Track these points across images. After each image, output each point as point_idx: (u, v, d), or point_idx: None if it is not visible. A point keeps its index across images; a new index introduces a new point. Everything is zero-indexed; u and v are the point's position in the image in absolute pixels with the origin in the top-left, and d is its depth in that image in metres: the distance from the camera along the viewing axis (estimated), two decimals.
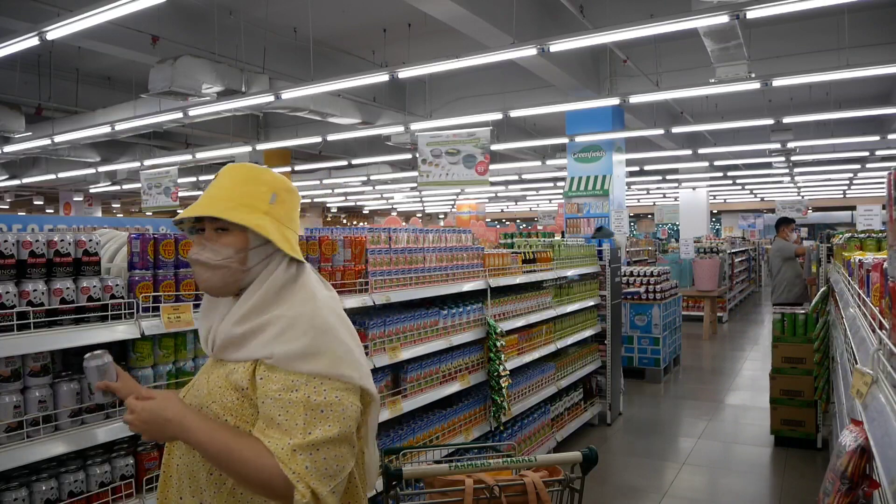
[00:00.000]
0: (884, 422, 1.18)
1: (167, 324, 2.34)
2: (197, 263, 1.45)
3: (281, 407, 1.33)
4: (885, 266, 1.76)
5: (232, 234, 1.44)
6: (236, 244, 1.45)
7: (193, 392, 1.50)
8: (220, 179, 1.48)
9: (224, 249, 1.43)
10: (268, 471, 1.28)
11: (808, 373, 5.30)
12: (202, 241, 1.46)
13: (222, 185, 1.47)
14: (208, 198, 1.45)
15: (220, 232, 1.45)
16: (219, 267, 1.44)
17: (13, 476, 2.06)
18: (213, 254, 1.44)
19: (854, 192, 25.07)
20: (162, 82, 6.78)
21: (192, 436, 1.34)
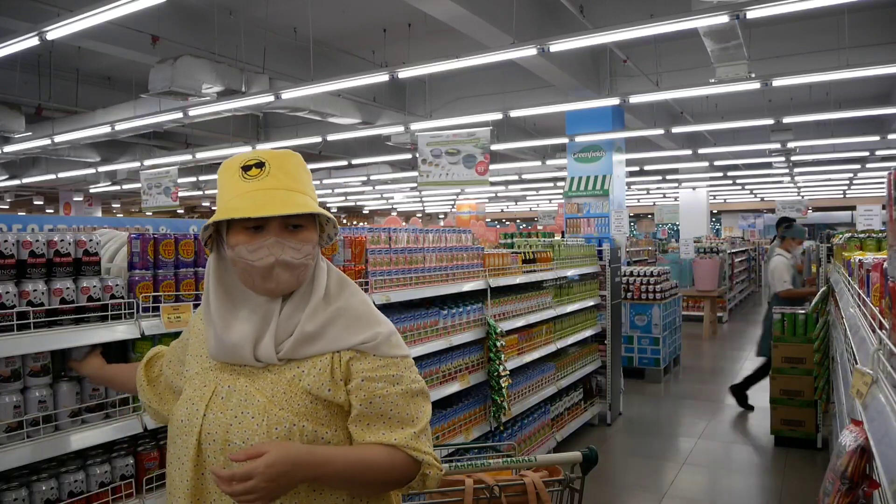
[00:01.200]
0: (884, 422, 1.18)
1: (167, 324, 2.34)
2: (279, 265, 1.30)
3: (391, 403, 1.35)
4: (885, 266, 1.76)
5: (307, 229, 1.35)
6: (313, 240, 1.36)
7: (224, 408, 1.31)
8: (287, 166, 1.34)
9: (304, 246, 1.33)
10: (402, 464, 1.33)
11: (808, 373, 5.30)
12: (272, 239, 1.29)
13: (296, 175, 1.35)
14: (290, 191, 1.31)
15: (296, 229, 1.33)
16: (299, 266, 1.33)
17: (13, 476, 2.06)
18: (296, 252, 1.31)
19: (854, 192, 25.06)
20: (162, 82, 6.78)
21: (328, 468, 1.23)
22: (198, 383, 1.37)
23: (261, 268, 1.29)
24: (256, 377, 1.33)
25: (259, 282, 1.31)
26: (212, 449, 1.30)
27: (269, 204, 1.27)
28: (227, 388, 1.33)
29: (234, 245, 1.31)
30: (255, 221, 1.29)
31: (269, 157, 1.33)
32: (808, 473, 4.87)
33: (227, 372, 1.36)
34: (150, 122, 8.97)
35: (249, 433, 1.27)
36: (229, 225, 1.33)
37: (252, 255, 1.29)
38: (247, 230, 1.30)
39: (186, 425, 1.32)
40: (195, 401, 1.34)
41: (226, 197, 1.32)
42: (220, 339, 1.34)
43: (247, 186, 1.30)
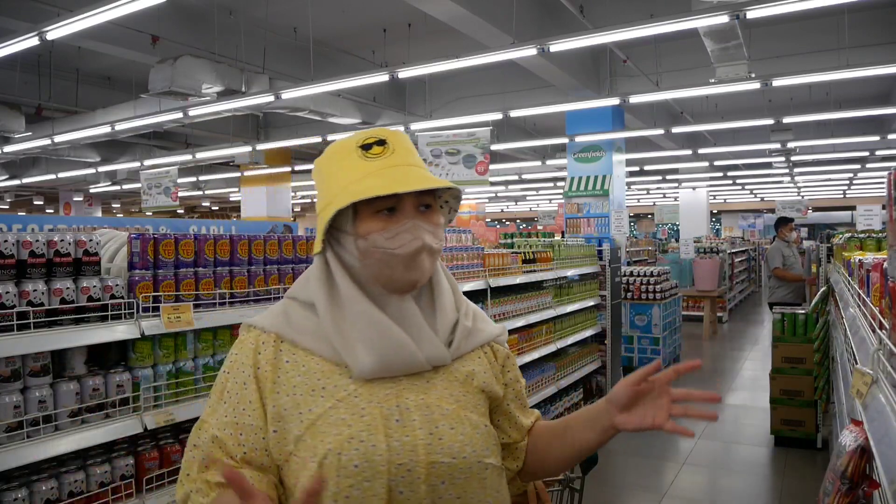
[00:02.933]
0: (884, 422, 1.18)
1: (167, 324, 2.34)
2: (426, 250, 1.12)
3: (523, 393, 1.34)
4: (885, 266, 1.76)
5: (436, 211, 1.17)
6: (442, 223, 1.19)
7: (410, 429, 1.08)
8: (407, 144, 1.17)
9: (438, 230, 1.16)
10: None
11: (808, 373, 5.30)
12: (411, 221, 1.11)
13: (415, 153, 1.19)
14: (420, 168, 1.15)
15: (427, 210, 1.15)
16: (438, 251, 1.16)
17: (13, 476, 2.06)
18: (433, 236, 1.14)
19: (854, 192, 25.06)
20: (162, 82, 6.78)
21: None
22: (347, 416, 1.07)
23: (405, 255, 1.10)
24: (424, 385, 1.14)
25: (401, 273, 1.11)
26: (408, 480, 1.05)
27: (407, 180, 1.09)
28: (397, 407, 1.09)
29: (365, 233, 1.10)
30: (389, 202, 1.10)
31: (386, 134, 1.17)
32: (808, 473, 4.87)
33: (380, 390, 1.10)
34: (150, 122, 8.97)
35: (457, 446, 1.09)
36: (355, 213, 1.12)
37: (392, 241, 1.10)
38: (379, 215, 1.10)
39: (366, 469, 1.03)
40: (362, 437, 1.05)
41: (346, 180, 1.12)
42: (380, 350, 1.09)
43: (373, 165, 1.12)
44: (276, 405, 1.09)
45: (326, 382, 1.10)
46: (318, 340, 1.12)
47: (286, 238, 3.00)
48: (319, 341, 1.12)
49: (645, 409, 1.14)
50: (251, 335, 1.16)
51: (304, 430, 1.07)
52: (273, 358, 1.12)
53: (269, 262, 2.87)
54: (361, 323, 1.10)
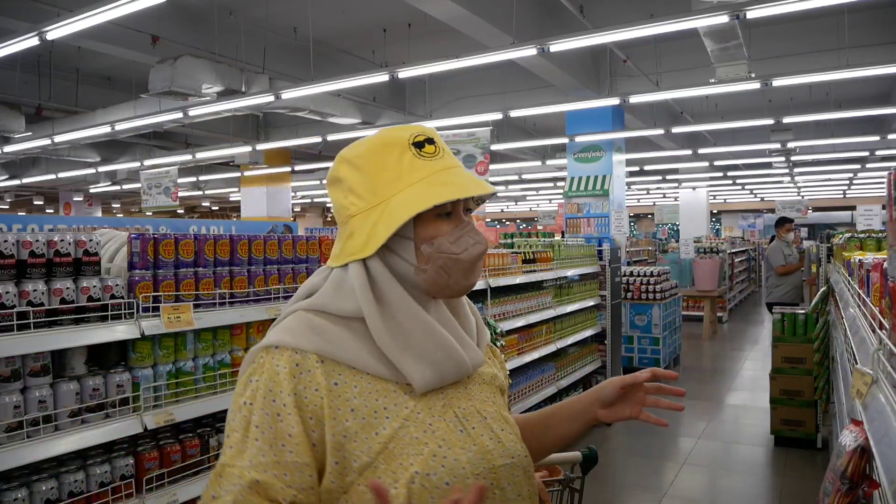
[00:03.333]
0: (884, 422, 1.18)
1: (167, 324, 2.34)
2: (484, 254, 1.10)
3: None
4: (885, 266, 1.76)
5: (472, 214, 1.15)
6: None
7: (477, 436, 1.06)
8: (445, 146, 1.13)
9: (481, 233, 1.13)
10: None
11: (808, 373, 5.30)
12: (468, 225, 1.09)
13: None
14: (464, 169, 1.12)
15: (468, 213, 1.12)
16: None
17: (13, 476, 2.06)
18: (482, 238, 1.11)
19: (854, 192, 25.06)
20: (162, 82, 6.78)
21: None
22: (420, 434, 1.01)
23: (468, 260, 1.06)
24: (465, 392, 1.11)
25: (459, 278, 1.06)
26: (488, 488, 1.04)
27: (468, 184, 1.06)
28: (455, 417, 1.07)
29: (430, 238, 1.05)
30: (448, 206, 1.06)
31: (430, 133, 1.12)
32: (808, 473, 4.87)
33: (435, 402, 1.06)
34: (150, 122, 8.97)
35: (513, 446, 1.10)
36: (417, 218, 1.05)
37: (455, 245, 1.06)
38: (441, 218, 1.06)
39: (456, 484, 0.99)
40: (443, 453, 1.00)
41: (401, 182, 1.05)
42: (439, 360, 1.04)
43: (432, 165, 1.07)
44: (334, 434, 0.98)
45: (386, 401, 1.02)
46: (363, 356, 1.03)
47: (286, 238, 3.00)
48: (365, 356, 1.03)
49: (623, 404, 1.20)
50: (282, 357, 1.00)
51: (374, 455, 0.98)
52: (323, 381, 1.00)
53: (269, 262, 2.87)
54: (420, 333, 1.04)
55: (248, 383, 1.01)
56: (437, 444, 1.01)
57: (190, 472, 2.51)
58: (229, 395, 2.64)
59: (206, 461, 2.59)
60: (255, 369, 1.02)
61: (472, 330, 1.16)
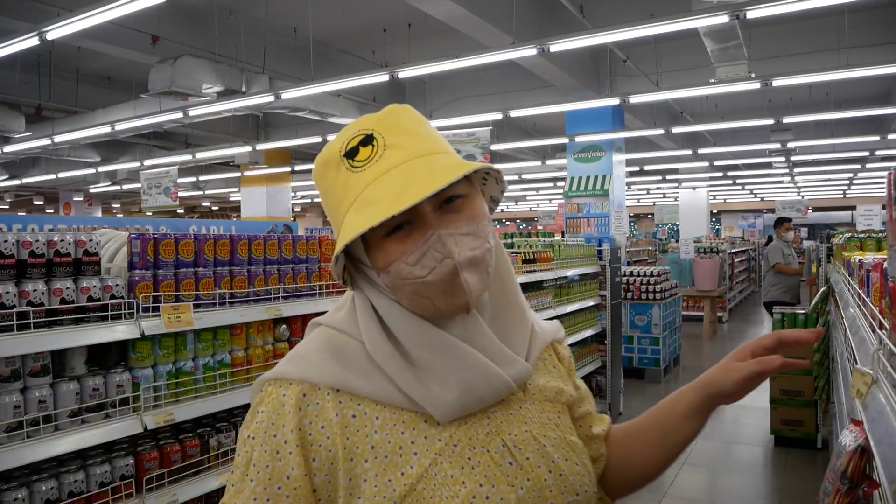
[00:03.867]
0: (884, 422, 1.18)
1: (167, 324, 2.34)
2: (465, 267, 0.85)
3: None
4: (885, 266, 1.76)
5: (470, 196, 0.90)
6: (484, 209, 0.92)
7: (529, 469, 0.89)
8: (402, 126, 0.90)
9: (479, 225, 0.89)
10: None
11: (808, 373, 5.30)
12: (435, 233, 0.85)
13: (418, 132, 0.90)
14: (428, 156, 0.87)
15: (454, 203, 0.88)
16: (485, 255, 0.89)
17: (13, 476, 2.06)
18: (473, 239, 0.87)
19: (854, 192, 25.07)
20: (162, 82, 6.78)
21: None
22: (456, 472, 0.85)
23: (438, 281, 0.85)
24: (519, 414, 0.94)
25: (442, 301, 0.86)
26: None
27: (407, 185, 0.83)
28: (504, 447, 0.89)
29: (385, 266, 0.87)
30: (400, 219, 0.84)
31: (372, 124, 0.90)
32: (808, 473, 4.87)
33: (479, 431, 0.90)
34: (150, 122, 8.97)
35: (578, 480, 0.93)
36: (365, 242, 0.89)
37: (419, 267, 0.85)
38: (392, 238, 0.86)
39: None
40: (486, 493, 0.85)
41: (342, 207, 0.88)
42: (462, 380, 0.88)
43: (363, 178, 0.86)
44: (352, 476, 0.84)
45: (414, 434, 0.86)
46: (384, 385, 0.88)
47: (286, 238, 3.00)
48: (387, 386, 0.88)
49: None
50: (290, 388, 0.87)
51: (399, 499, 0.83)
52: (335, 416, 0.86)
53: (269, 262, 2.87)
54: (430, 353, 0.88)
55: (254, 414, 0.89)
56: (478, 483, 0.84)
57: (190, 472, 2.51)
58: (229, 395, 2.64)
59: (206, 461, 2.59)
60: (261, 399, 0.89)
61: (518, 339, 0.96)
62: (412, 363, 0.88)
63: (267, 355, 2.86)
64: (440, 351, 0.88)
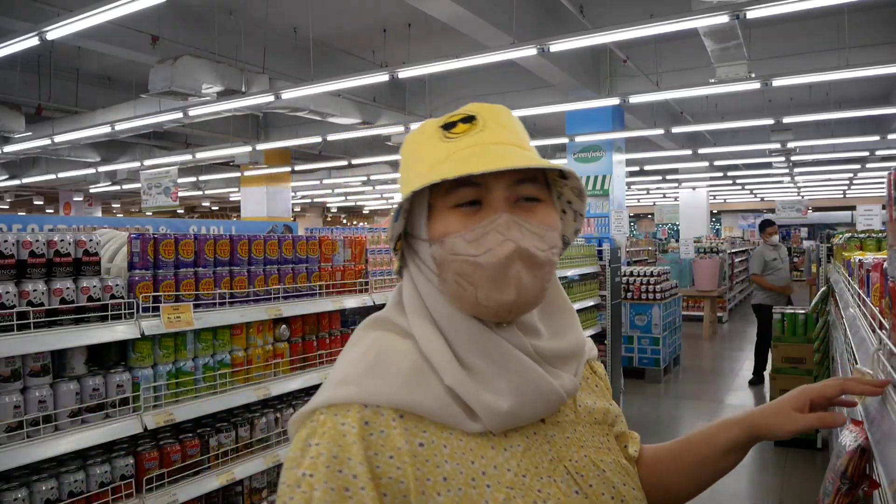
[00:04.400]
0: (884, 422, 1.18)
1: (167, 324, 2.34)
2: (520, 257, 0.80)
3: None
4: (885, 266, 1.76)
5: (547, 204, 0.86)
6: (557, 224, 0.87)
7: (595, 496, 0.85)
8: (502, 119, 0.89)
9: (548, 232, 0.84)
10: None
11: (808, 373, 5.30)
12: (503, 216, 0.81)
13: (515, 130, 0.90)
14: (517, 147, 0.86)
15: (531, 203, 0.85)
16: (545, 264, 0.83)
17: (13, 476, 2.06)
18: (538, 240, 0.82)
19: (854, 192, 25.08)
20: (162, 82, 6.78)
21: None
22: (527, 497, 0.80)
23: (491, 264, 0.79)
24: (575, 437, 0.90)
25: (488, 290, 0.80)
26: None
27: (492, 159, 0.80)
28: (568, 474, 0.86)
29: (441, 236, 0.82)
30: (471, 193, 0.82)
31: (477, 109, 0.89)
32: (808, 473, 4.87)
33: (542, 458, 0.85)
34: (150, 122, 8.97)
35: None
36: (430, 210, 0.85)
37: (475, 245, 0.80)
38: (459, 210, 0.82)
39: None
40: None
41: (421, 168, 0.85)
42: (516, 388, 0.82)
43: (455, 146, 0.84)
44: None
45: (484, 464, 0.80)
46: (437, 392, 0.81)
47: (286, 238, 3.00)
48: (440, 393, 0.81)
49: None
50: (349, 415, 0.77)
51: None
52: (404, 444, 0.78)
53: (269, 262, 2.87)
54: (480, 355, 0.82)
55: (305, 448, 0.76)
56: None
57: (190, 472, 2.51)
58: (229, 395, 2.64)
59: (206, 461, 2.59)
60: (313, 430, 0.77)
61: (566, 347, 0.90)
62: (463, 365, 0.82)
63: (267, 355, 2.86)
64: (491, 353, 0.83)
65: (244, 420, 2.80)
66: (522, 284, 0.80)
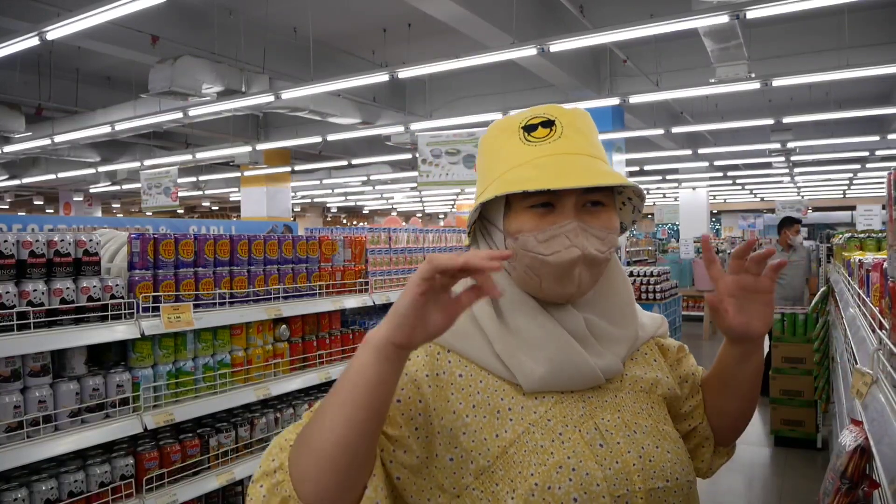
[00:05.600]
0: (884, 422, 1.18)
1: (167, 324, 2.34)
2: (584, 262, 0.92)
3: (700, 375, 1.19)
4: (885, 266, 1.76)
5: (609, 208, 0.97)
6: (616, 226, 0.98)
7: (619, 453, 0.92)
8: (581, 125, 1.01)
9: (609, 235, 0.95)
10: None
11: (808, 373, 5.30)
12: (573, 223, 0.92)
13: (592, 138, 1.02)
14: (592, 158, 0.97)
15: (596, 207, 0.96)
16: (603, 262, 0.95)
17: (13, 476, 2.06)
18: (600, 242, 0.94)
19: (854, 192, 25.07)
20: (162, 82, 6.78)
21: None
22: (546, 443, 0.90)
23: (558, 265, 0.91)
24: (614, 401, 0.98)
25: (551, 284, 0.93)
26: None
27: (568, 172, 0.91)
28: (596, 430, 0.94)
29: (515, 232, 0.94)
30: (546, 197, 0.93)
31: (557, 113, 1.01)
32: (808, 473, 4.87)
33: (573, 411, 0.95)
34: (150, 122, 8.97)
35: (669, 466, 0.95)
36: (507, 206, 0.96)
37: (545, 245, 0.91)
38: (533, 211, 0.93)
39: (587, 502, 0.88)
40: (572, 465, 0.89)
41: (502, 167, 0.97)
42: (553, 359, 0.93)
43: (534, 151, 0.95)
44: (453, 428, 0.91)
45: (512, 403, 0.93)
46: (485, 352, 0.95)
47: (286, 238, 3.00)
48: (487, 354, 0.95)
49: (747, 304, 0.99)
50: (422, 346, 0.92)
51: (492, 459, 0.89)
52: (440, 368, 0.95)
53: (269, 262, 2.87)
54: (526, 324, 0.94)
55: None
56: (566, 456, 0.89)
57: (190, 472, 2.51)
58: (229, 395, 2.64)
59: (206, 461, 2.59)
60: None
61: (616, 334, 0.99)
62: (509, 330, 0.94)
63: (267, 355, 2.86)
64: (537, 325, 0.94)
65: (244, 420, 2.80)
66: (583, 282, 0.93)
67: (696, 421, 1.15)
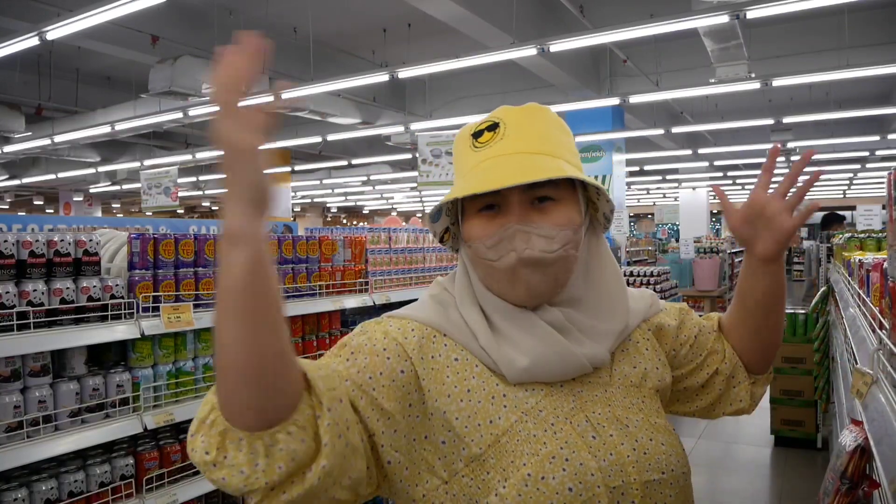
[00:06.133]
0: (884, 422, 1.18)
1: (167, 324, 2.34)
2: (523, 265, 0.91)
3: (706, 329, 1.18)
4: (885, 266, 1.76)
5: (563, 204, 0.95)
6: (572, 221, 0.95)
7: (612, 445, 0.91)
8: (526, 123, 0.99)
9: (560, 232, 0.92)
10: None
11: (808, 373, 5.30)
12: (514, 226, 0.91)
13: (541, 133, 0.99)
14: (533, 154, 0.95)
15: (545, 204, 0.94)
16: (555, 262, 0.92)
17: (13, 476, 2.06)
18: (547, 241, 0.91)
19: (854, 192, 25.07)
20: (162, 82, 6.78)
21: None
22: (539, 433, 0.90)
23: (503, 269, 0.92)
24: (604, 395, 0.97)
25: (504, 287, 0.94)
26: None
27: (503, 173, 0.90)
28: (588, 422, 0.93)
29: (469, 239, 0.96)
30: (490, 199, 0.93)
31: (503, 115, 1.00)
32: (808, 473, 4.87)
33: (564, 403, 0.95)
34: (150, 122, 8.98)
35: (664, 458, 0.95)
36: (463, 212, 0.99)
37: (493, 251, 0.93)
38: (481, 215, 0.95)
39: (583, 492, 0.86)
40: (565, 455, 0.88)
41: (457, 176, 1.01)
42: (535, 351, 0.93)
43: (478, 156, 0.96)
44: (447, 411, 0.91)
45: (506, 390, 0.93)
46: (475, 345, 0.96)
47: (286, 238, 3.00)
48: (476, 347, 0.96)
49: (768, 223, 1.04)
50: (402, 322, 0.97)
51: (485, 447, 0.89)
52: (435, 351, 0.95)
53: None
54: (508, 324, 0.95)
55: (378, 323, 0.98)
56: (559, 447, 0.88)
57: (190, 472, 2.51)
58: None
59: None
60: (386, 321, 0.98)
61: (602, 327, 0.98)
62: (493, 329, 0.96)
63: None
64: (515, 323, 0.95)
65: None
66: (532, 285, 0.92)
67: (712, 367, 1.13)
